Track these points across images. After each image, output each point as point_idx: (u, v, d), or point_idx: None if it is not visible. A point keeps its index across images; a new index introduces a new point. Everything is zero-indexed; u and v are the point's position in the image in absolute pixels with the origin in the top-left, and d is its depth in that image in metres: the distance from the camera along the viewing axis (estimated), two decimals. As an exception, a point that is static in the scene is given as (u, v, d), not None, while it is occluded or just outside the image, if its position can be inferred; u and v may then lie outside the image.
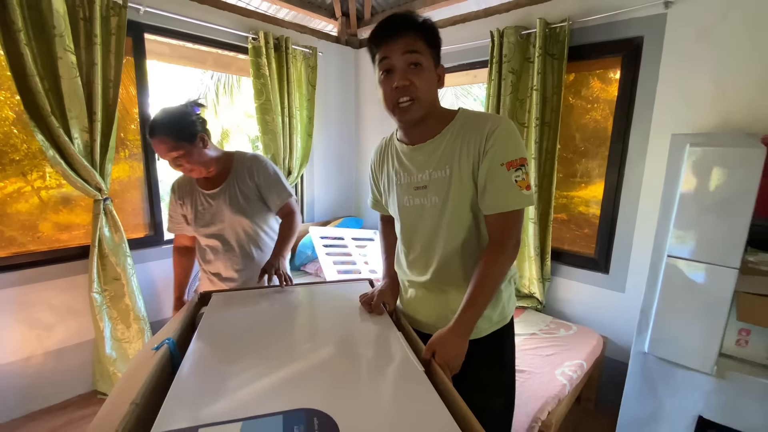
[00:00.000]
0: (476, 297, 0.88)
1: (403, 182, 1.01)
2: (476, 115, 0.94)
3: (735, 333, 1.17)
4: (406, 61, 0.87)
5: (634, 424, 1.35)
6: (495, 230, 0.92)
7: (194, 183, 1.44)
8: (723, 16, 1.64)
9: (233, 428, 0.66)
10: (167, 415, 0.70)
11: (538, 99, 2.05)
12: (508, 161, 0.87)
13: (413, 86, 0.87)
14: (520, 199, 0.88)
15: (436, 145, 0.95)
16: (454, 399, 0.72)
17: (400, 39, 0.86)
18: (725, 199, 1.10)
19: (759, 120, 1.58)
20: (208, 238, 1.45)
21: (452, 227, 0.96)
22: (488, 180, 0.88)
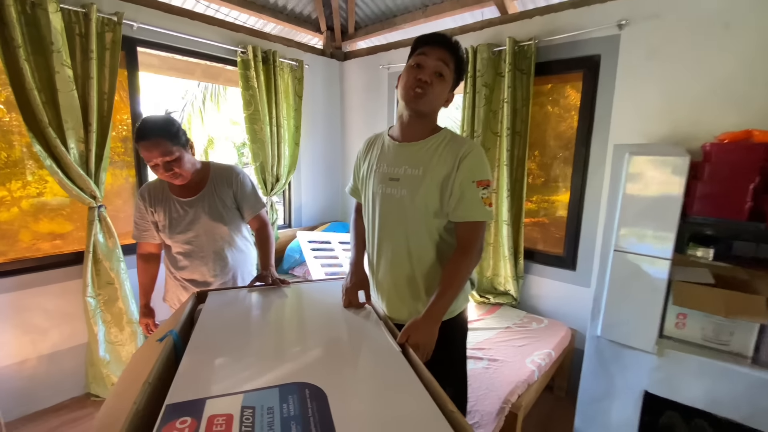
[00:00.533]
0: (445, 290, 1.03)
1: (381, 171, 1.17)
2: (457, 137, 1.12)
3: (674, 317, 1.34)
4: (436, 66, 1.04)
5: (591, 401, 1.51)
6: (463, 236, 1.08)
7: (167, 190, 1.45)
8: (668, 38, 1.85)
9: (236, 399, 0.77)
10: (177, 390, 0.80)
11: (509, 110, 2.23)
12: (478, 180, 1.04)
13: (430, 86, 1.04)
14: (484, 213, 1.05)
15: (418, 148, 1.11)
16: (423, 373, 0.86)
17: (441, 49, 1.05)
18: (658, 200, 1.28)
19: (701, 130, 1.77)
20: (183, 244, 1.47)
21: (414, 222, 1.11)
22: (460, 192, 1.05)
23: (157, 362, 0.89)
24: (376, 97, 3.20)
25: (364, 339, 1.05)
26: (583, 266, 2.23)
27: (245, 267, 1.60)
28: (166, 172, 1.32)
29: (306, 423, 0.69)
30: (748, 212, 1.37)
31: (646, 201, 1.32)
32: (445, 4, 2.71)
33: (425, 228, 1.11)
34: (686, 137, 1.81)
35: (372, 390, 0.82)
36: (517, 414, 1.56)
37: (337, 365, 0.92)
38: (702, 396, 1.29)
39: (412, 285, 1.15)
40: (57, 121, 1.90)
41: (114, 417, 0.93)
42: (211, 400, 0.77)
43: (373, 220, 1.20)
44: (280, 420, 0.70)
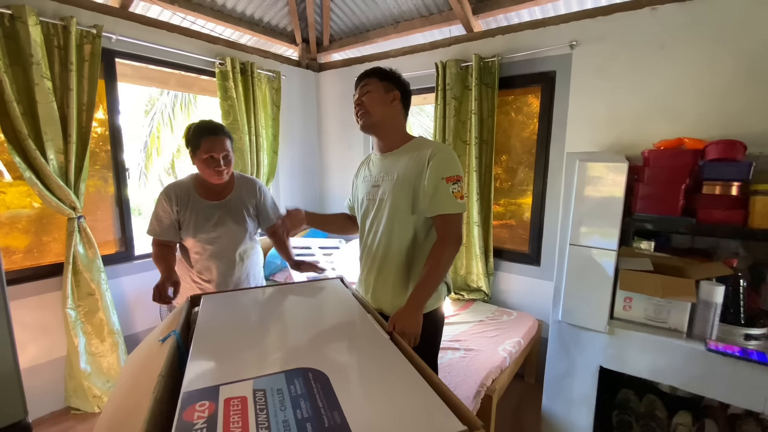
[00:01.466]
0: (427, 279, 1.16)
1: (368, 180, 1.37)
2: (426, 142, 1.30)
3: (622, 300, 1.55)
4: (360, 91, 1.33)
5: (556, 379, 1.70)
6: (440, 229, 1.22)
7: (193, 192, 1.56)
8: (612, 58, 2.10)
9: (247, 384, 0.86)
10: (190, 380, 0.89)
11: (476, 121, 2.42)
12: (447, 176, 1.18)
13: (363, 105, 1.30)
14: (455, 206, 1.19)
15: (393, 156, 1.31)
16: (411, 355, 0.98)
17: (360, 83, 1.35)
18: (605, 201, 1.49)
19: (641, 138, 2.02)
20: (205, 244, 1.57)
21: (393, 221, 1.26)
22: (432, 189, 1.19)
23: (167, 357, 0.97)
24: (352, 107, 3.32)
25: (355, 329, 1.16)
26: (547, 262, 2.44)
27: (257, 269, 1.76)
28: (218, 167, 1.48)
29: (313, 399, 0.80)
30: (681, 209, 1.60)
31: (595, 201, 1.53)
32: (415, 21, 2.89)
33: (404, 225, 1.25)
34: (629, 145, 2.05)
35: (367, 371, 0.94)
36: (492, 396, 1.72)
37: (333, 352, 1.03)
38: (646, 367, 1.49)
39: (395, 278, 1.29)
40: (36, 133, 1.91)
41: (125, 413, 0.99)
42: (223, 386, 0.85)
43: (364, 224, 1.38)
44: (289, 398, 0.80)
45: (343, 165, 3.52)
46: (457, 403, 0.78)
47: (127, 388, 1.10)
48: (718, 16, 1.81)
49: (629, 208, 1.66)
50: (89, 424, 2.10)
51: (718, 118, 1.84)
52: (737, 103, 1.79)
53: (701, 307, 1.44)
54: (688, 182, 1.61)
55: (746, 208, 1.49)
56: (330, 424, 0.72)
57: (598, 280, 1.54)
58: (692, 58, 1.89)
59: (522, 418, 2.16)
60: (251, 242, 1.70)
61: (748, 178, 1.51)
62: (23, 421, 1.39)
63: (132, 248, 2.47)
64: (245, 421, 0.72)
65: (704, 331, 1.44)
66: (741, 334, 1.40)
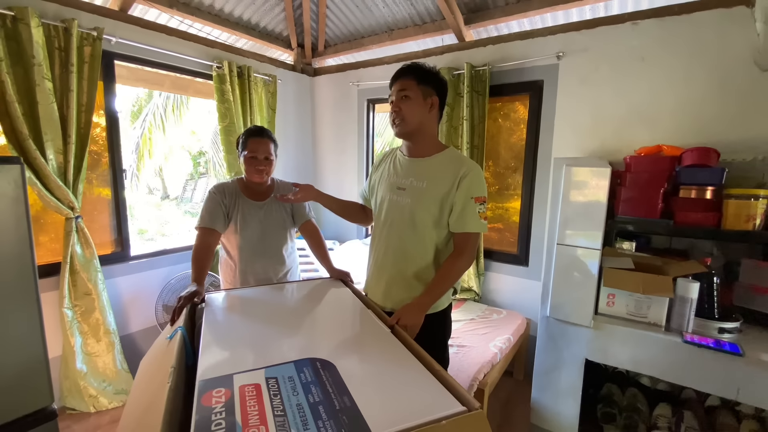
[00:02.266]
0: (437, 285, 1.23)
1: (392, 180, 1.36)
2: (459, 156, 1.31)
3: (605, 297, 1.65)
4: (398, 93, 1.26)
5: (545, 372, 1.79)
6: (459, 244, 1.27)
7: (239, 191, 1.67)
8: (596, 68, 2.22)
9: (259, 373, 0.91)
10: (204, 371, 0.93)
11: (468, 127, 2.52)
12: (476, 197, 1.24)
13: (401, 112, 1.25)
14: (479, 225, 1.24)
15: (425, 164, 1.30)
16: (412, 346, 1.05)
17: (399, 80, 1.27)
18: (589, 203, 1.60)
19: (623, 145, 2.14)
20: (250, 241, 1.65)
21: (414, 227, 1.28)
22: (461, 207, 1.23)
23: (177, 351, 1.01)
24: (346, 112, 3.41)
25: (357, 324, 1.22)
26: (535, 262, 2.54)
27: (296, 267, 1.86)
28: (259, 166, 1.61)
29: (323, 385, 0.86)
30: (660, 212, 1.71)
31: (581, 204, 1.63)
32: (408, 29, 2.98)
33: (423, 233, 1.28)
34: (612, 151, 2.17)
35: (371, 360, 1.00)
36: (484, 390, 1.80)
37: (338, 344, 1.09)
38: (628, 359, 1.59)
39: (406, 280, 1.32)
40: (36, 133, 1.92)
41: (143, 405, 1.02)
42: (237, 375, 0.91)
43: (380, 221, 1.38)
44: (301, 385, 0.86)
45: (337, 169, 3.58)
46: (457, 388, 0.85)
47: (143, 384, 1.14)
48: (694, 31, 1.94)
49: (612, 210, 1.76)
50: (85, 423, 2.11)
51: (693, 126, 1.96)
52: (711, 112, 1.92)
53: (678, 302, 1.54)
54: (666, 186, 1.72)
55: (720, 210, 1.61)
56: (341, 406, 0.78)
57: (583, 277, 1.64)
58: (670, 70, 2.01)
59: (512, 411, 2.25)
60: (291, 242, 1.80)
61: (721, 183, 1.62)
62: (50, 407, 1.44)
63: (128, 248, 2.48)
64: (261, 405, 0.78)
65: (681, 324, 1.54)
66: (715, 327, 1.51)
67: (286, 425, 0.71)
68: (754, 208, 1.52)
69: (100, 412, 2.19)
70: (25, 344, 1.40)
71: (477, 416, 0.78)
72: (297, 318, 1.28)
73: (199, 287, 1.38)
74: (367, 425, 0.71)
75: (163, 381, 0.88)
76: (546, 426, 1.82)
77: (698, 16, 1.93)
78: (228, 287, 1.75)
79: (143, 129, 5.99)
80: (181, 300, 1.29)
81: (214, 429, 0.70)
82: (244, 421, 0.72)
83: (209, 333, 1.14)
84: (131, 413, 1.07)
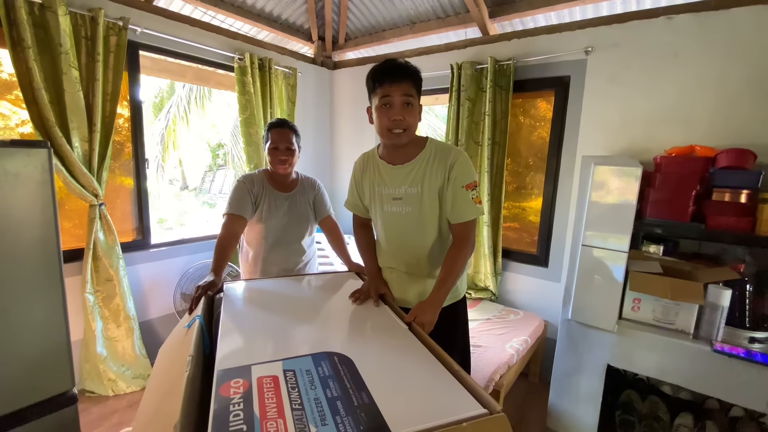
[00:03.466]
0: (445, 280, 1.22)
1: (384, 193, 1.31)
2: (441, 147, 1.26)
3: (631, 301, 1.60)
4: (403, 101, 1.16)
5: (564, 376, 1.74)
6: (458, 233, 1.26)
7: (266, 183, 1.71)
8: (626, 65, 2.13)
9: (277, 365, 0.90)
10: (222, 360, 0.93)
11: (490, 123, 2.46)
12: (467, 184, 1.21)
13: (405, 121, 1.18)
14: (474, 211, 1.23)
15: (411, 168, 1.25)
16: (429, 342, 1.03)
17: (400, 83, 1.15)
18: (618, 204, 1.54)
19: (653, 145, 2.06)
20: (275, 231, 1.70)
21: (421, 231, 1.28)
22: (454, 198, 1.22)
23: (195, 340, 1.01)
24: (365, 105, 3.35)
25: (374, 319, 1.21)
26: (554, 263, 2.48)
27: (315, 258, 1.90)
28: (282, 156, 1.66)
29: (341, 380, 0.84)
30: (691, 215, 1.64)
31: (608, 204, 1.58)
32: (431, 23, 2.93)
33: (430, 233, 1.28)
34: (641, 150, 2.09)
35: (389, 357, 0.98)
36: (500, 391, 1.76)
37: (354, 338, 1.08)
38: (653, 366, 1.54)
39: (418, 273, 1.33)
40: (62, 121, 1.96)
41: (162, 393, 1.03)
42: (255, 366, 0.90)
43: (384, 232, 1.36)
44: (318, 379, 0.85)
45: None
46: (477, 389, 0.83)
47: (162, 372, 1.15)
48: (731, 27, 1.84)
49: (640, 212, 1.70)
50: (103, 406, 2.16)
51: (728, 127, 1.87)
52: (748, 112, 1.83)
53: (708, 309, 1.48)
54: (698, 189, 1.64)
55: (754, 215, 1.53)
56: (359, 403, 0.76)
57: (608, 281, 1.58)
58: (705, 68, 1.92)
59: (527, 414, 2.21)
60: (312, 235, 1.85)
61: (757, 187, 1.55)
62: (70, 391, 1.47)
63: (149, 236, 2.52)
64: (279, 398, 0.77)
65: (710, 332, 1.48)
66: (746, 336, 1.44)
67: (304, 419, 0.70)
68: (793, 214, 1.44)
69: (118, 395, 2.24)
70: (49, 328, 1.43)
71: (499, 419, 0.75)
72: (314, 310, 1.28)
73: (216, 278, 1.39)
74: (386, 423, 0.69)
75: (181, 369, 0.88)
76: (562, 431, 1.78)
77: (736, 12, 1.83)
78: (248, 276, 1.79)
79: (167, 120, 6.08)
80: (198, 290, 1.30)
81: (232, 420, 0.69)
82: (262, 413, 0.71)
83: (227, 323, 1.14)
84: (150, 399, 1.08)
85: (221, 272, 1.48)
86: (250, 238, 1.76)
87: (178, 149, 6.51)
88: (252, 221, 1.68)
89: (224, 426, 0.68)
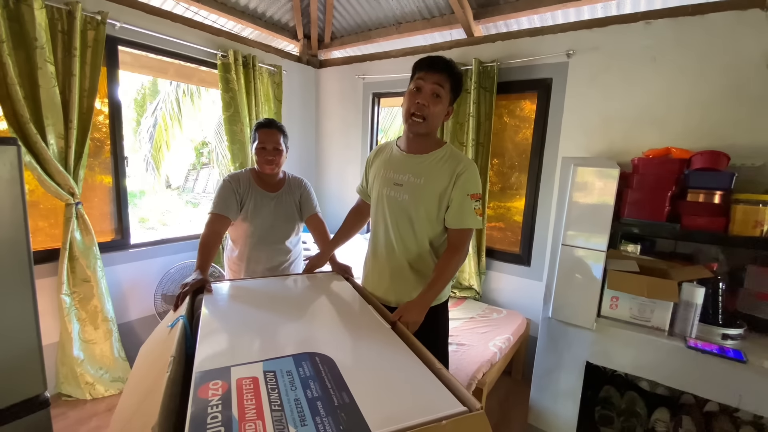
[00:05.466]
0: (435, 282, 1.23)
1: (388, 176, 1.33)
2: (455, 154, 1.29)
3: (609, 299, 1.64)
4: (433, 89, 1.18)
5: (545, 373, 1.77)
6: (454, 239, 1.27)
7: (252, 182, 1.70)
8: (606, 68, 2.18)
9: (257, 366, 0.89)
10: (201, 362, 0.91)
11: (474, 124, 2.49)
12: (472, 193, 1.24)
13: (428, 109, 1.19)
14: (474, 222, 1.25)
15: (422, 160, 1.28)
16: (413, 343, 1.03)
17: (437, 74, 1.18)
18: (596, 205, 1.57)
19: (631, 146, 2.11)
20: (260, 230, 1.69)
21: (411, 222, 1.28)
22: (458, 203, 1.23)
23: (177, 340, 1.00)
24: (351, 105, 3.37)
25: (357, 319, 1.21)
26: (536, 262, 2.52)
27: (300, 257, 1.89)
28: (269, 156, 1.65)
29: (322, 381, 0.84)
30: (666, 215, 1.68)
31: (587, 204, 1.61)
32: (417, 23, 2.94)
33: (419, 228, 1.29)
34: (620, 152, 2.14)
35: (371, 356, 0.98)
36: (483, 389, 1.78)
37: (337, 339, 1.07)
38: (630, 362, 1.58)
39: (404, 274, 1.33)
40: (37, 117, 1.90)
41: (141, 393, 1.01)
42: (234, 367, 0.89)
43: (377, 217, 1.38)
44: (299, 379, 0.84)
45: (340, 163, 3.55)
46: (458, 387, 0.84)
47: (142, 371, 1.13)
48: (707, 33, 1.90)
49: (618, 212, 1.74)
50: (81, 410, 2.10)
51: (703, 129, 1.94)
52: (722, 115, 1.89)
53: (682, 307, 1.52)
54: (674, 190, 1.69)
55: (727, 215, 1.58)
56: (339, 403, 0.76)
57: (587, 279, 1.62)
58: (681, 72, 1.98)
59: (509, 410, 2.24)
60: (298, 235, 1.85)
61: (730, 188, 1.60)
62: (42, 394, 1.42)
63: (128, 236, 2.47)
64: (258, 399, 0.76)
65: (684, 329, 1.52)
66: (719, 333, 1.49)
67: (283, 420, 0.69)
68: (762, 214, 1.50)
69: (96, 399, 2.18)
70: (18, 331, 1.38)
71: (478, 417, 0.76)
72: (297, 311, 1.27)
73: (204, 275, 1.37)
74: (366, 423, 0.69)
75: (162, 369, 0.87)
76: (543, 426, 1.81)
77: (712, 18, 1.89)
78: (233, 276, 1.78)
79: (156, 118, 5.91)
80: (186, 286, 1.28)
81: (210, 422, 0.68)
82: (240, 415, 0.70)
83: (208, 324, 1.13)
84: (129, 399, 1.06)
85: (207, 270, 1.46)
86: (235, 237, 1.75)
87: (171, 149, 6.35)
88: (237, 220, 1.67)
89: (201, 428, 0.67)
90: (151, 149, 6.19)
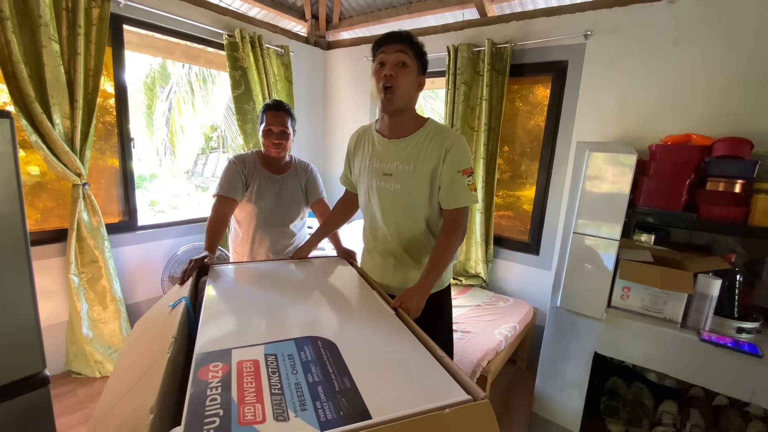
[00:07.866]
0: (434, 267, 1.18)
1: (374, 167, 1.28)
2: (440, 129, 1.23)
3: (620, 289, 1.59)
4: (397, 58, 1.14)
5: (550, 363, 1.75)
6: (450, 219, 1.23)
7: (258, 164, 1.69)
8: (626, 50, 2.09)
9: (258, 349, 0.88)
10: (202, 343, 0.91)
11: (486, 108, 2.41)
12: (463, 169, 1.18)
13: (396, 79, 1.13)
14: (469, 198, 1.20)
15: (406, 144, 1.22)
16: (416, 330, 1.01)
17: (397, 44, 1.15)
18: (611, 192, 1.52)
19: (649, 132, 2.03)
20: (264, 212, 1.68)
21: (408, 212, 1.25)
22: (449, 182, 1.18)
23: (179, 321, 0.99)
24: (359, 87, 3.31)
25: (360, 304, 1.19)
26: (546, 251, 2.48)
27: (305, 241, 1.83)
28: (275, 140, 1.63)
29: (323, 365, 0.82)
30: (683, 204, 1.62)
31: (601, 192, 1.55)
32: (428, 2, 2.85)
33: (416, 215, 1.25)
34: (636, 138, 2.06)
35: (374, 342, 0.96)
36: (487, 377, 1.77)
37: (340, 324, 1.06)
38: (640, 354, 1.54)
39: (403, 260, 1.31)
40: (42, 96, 1.89)
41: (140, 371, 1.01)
42: (235, 349, 0.88)
43: (370, 209, 1.33)
44: (300, 363, 0.83)
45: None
46: (461, 375, 0.81)
47: (140, 349, 1.12)
48: (734, 13, 1.80)
49: (632, 200, 1.68)
50: (90, 387, 2.15)
51: (727, 115, 1.85)
52: (747, 100, 1.80)
53: (697, 299, 1.48)
54: (692, 178, 1.62)
55: (748, 205, 1.51)
56: (340, 388, 0.74)
57: (598, 268, 1.57)
58: (705, 55, 1.88)
59: (513, 398, 2.23)
60: (303, 219, 1.84)
61: (752, 176, 1.53)
62: (41, 373, 1.43)
63: (135, 218, 2.48)
64: (258, 383, 0.75)
65: (698, 322, 1.48)
66: (734, 326, 1.44)
67: (282, 404, 0.68)
68: (786, 205, 1.43)
69: (105, 377, 2.23)
70: (15, 308, 1.36)
71: (482, 406, 0.74)
72: (300, 295, 1.25)
73: (211, 254, 1.38)
74: (366, 409, 0.67)
75: (162, 349, 0.86)
76: (548, 416, 1.80)
77: (739, -4, 1.79)
78: (237, 257, 1.79)
79: (170, 102, 5.88)
80: (192, 262, 1.28)
81: (209, 404, 0.67)
82: (240, 398, 0.69)
83: (210, 305, 1.12)
84: (124, 374, 1.05)
85: (215, 251, 1.48)
86: (240, 219, 1.75)
87: (185, 134, 6.33)
88: (242, 202, 1.67)
89: (200, 410, 0.66)
90: (168, 133, 6.19)
